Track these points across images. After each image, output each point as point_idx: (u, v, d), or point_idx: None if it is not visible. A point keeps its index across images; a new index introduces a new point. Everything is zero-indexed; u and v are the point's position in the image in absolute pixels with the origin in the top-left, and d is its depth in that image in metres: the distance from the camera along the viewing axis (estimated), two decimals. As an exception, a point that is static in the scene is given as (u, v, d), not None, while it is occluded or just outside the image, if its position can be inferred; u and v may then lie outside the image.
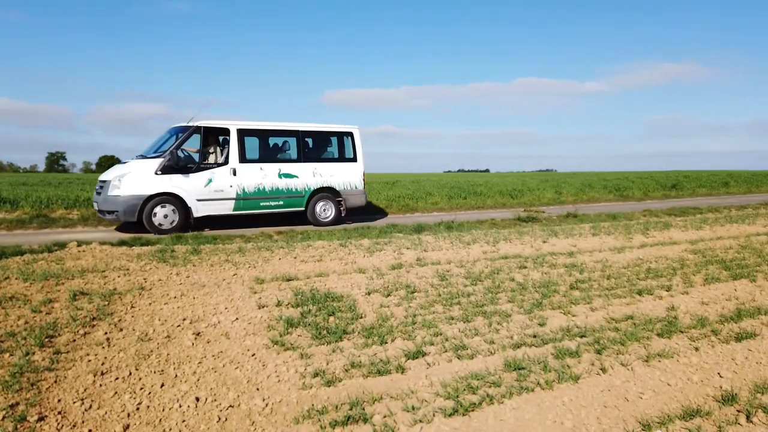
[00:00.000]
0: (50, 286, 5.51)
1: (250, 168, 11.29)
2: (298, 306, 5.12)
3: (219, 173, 10.97)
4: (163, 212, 10.40)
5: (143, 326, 4.47)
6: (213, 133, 11.51)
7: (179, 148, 10.66)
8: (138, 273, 6.27)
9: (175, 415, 3.08)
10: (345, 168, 12.45)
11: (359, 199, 12.64)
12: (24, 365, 3.56)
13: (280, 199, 11.68)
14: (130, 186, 10.21)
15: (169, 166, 10.43)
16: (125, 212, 10.14)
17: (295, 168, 11.88)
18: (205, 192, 10.81)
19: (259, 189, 11.37)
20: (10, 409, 3.03)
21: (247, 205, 11.30)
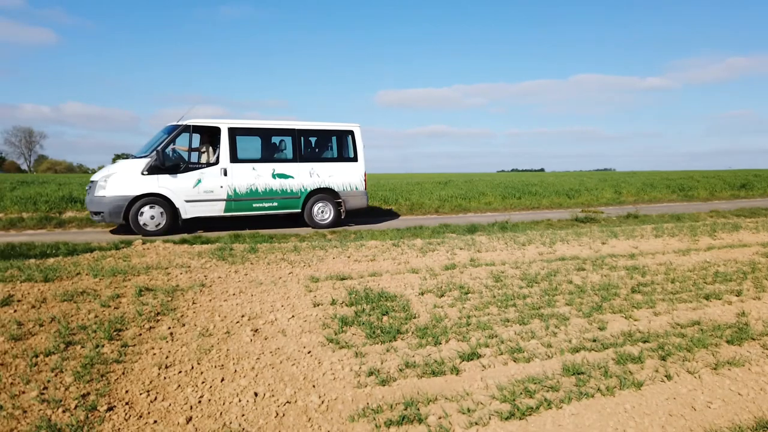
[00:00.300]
0: (118, 281, 5.77)
1: (242, 168, 10.89)
2: (352, 305, 5.16)
3: (209, 173, 10.61)
4: (150, 213, 10.12)
5: (204, 322, 4.61)
6: (203, 132, 11.28)
7: (167, 147, 10.34)
8: (199, 270, 6.49)
9: (235, 409, 3.16)
10: (344, 168, 11.94)
11: (360, 201, 12.07)
12: (94, 357, 3.75)
13: (274, 200, 11.23)
14: (115, 186, 9.98)
15: (155, 166, 10.12)
16: (110, 213, 9.93)
17: (290, 168, 11.41)
18: (194, 193, 10.47)
19: (252, 190, 10.94)
20: (81, 398, 3.19)
21: (239, 206, 10.89)
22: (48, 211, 13.22)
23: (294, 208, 11.47)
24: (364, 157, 12.17)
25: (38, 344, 3.96)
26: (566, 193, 20.84)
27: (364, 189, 12.13)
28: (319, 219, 11.71)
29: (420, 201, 17.45)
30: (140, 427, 2.92)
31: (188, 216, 10.46)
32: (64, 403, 3.11)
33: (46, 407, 3.06)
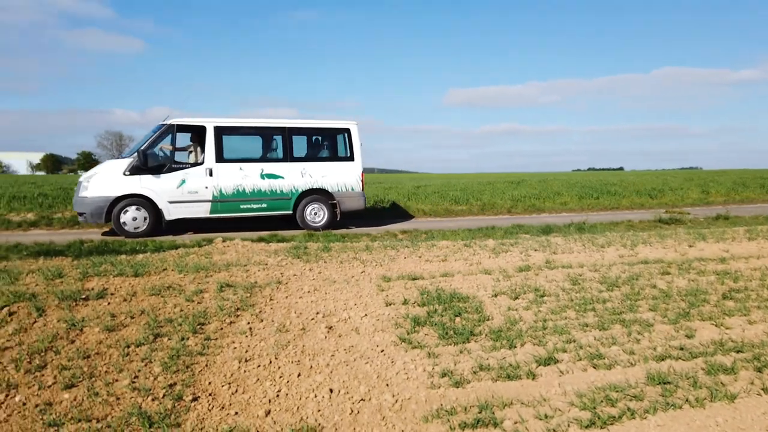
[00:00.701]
0: (201, 277, 6.04)
1: (228, 168, 10.51)
2: (424, 305, 5.15)
3: (193, 174, 10.31)
4: (132, 215, 9.91)
5: (281, 318, 4.75)
6: (188, 132, 11.01)
7: (150, 147, 10.10)
8: (275, 268, 6.69)
9: (311, 404, 3.23)
10: (339, 168, 11.35)
11: (356, 202, 11.49)
12: (180, 349, 3.94)
13: (263, 201, 10.77)
14: (97, 187, 9.83)
15: (137, 166, 9.88)
16: (92, 214, 9.78)
17: (279, 168, 10.92)
18: (178, 193, 10.18)
19: (239, 191, 10.55)
20: (169, 388, 3.37)
21: (226, 207, 10.52)
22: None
23: (284, 209, 10.99)
24: (361, 156, 11.52)
25: (129, 335, 4.22)
26: (648, 193, 19.84)
27: (360, 190, 11.51)
28: (312, 221, 11.18)
29: (492, 201, 17.17)
30: (223, 417, 3.05)
31: (172, 217, 10.24)
32: (153, 392, 3.29)
33: (137, 395, 3.26)
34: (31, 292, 5.18)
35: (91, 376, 3.50)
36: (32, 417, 2.99)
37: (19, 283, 5.57)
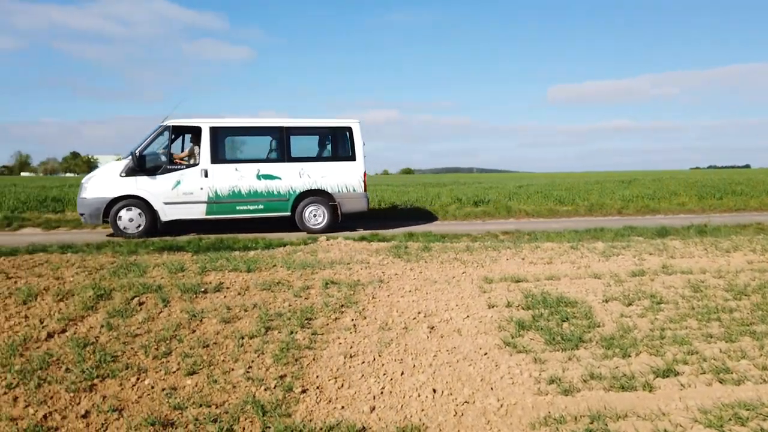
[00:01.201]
0: (307, 274, 6.28)
1: (224, 169, 10.31)
2: (529, 308, 5.00)
3: (188, 175, 10.18)
4: (129, 216, 9.93)
5: (383, 316, 4.81)
6: (184, 133, 10.92)
7: (145, 148, 10.07)
8: (377, 266, 6.79)
9: (415, 403, 3.24)
10: (340, 168, 10.88)
11: (358, 204, 10.98)
12: (289, 342, 4.12)
13: (260, 202, 10.50)
14: (94, 188, 9.96)
15: (133, 167, 9.89)
16: (90, 215, 9.91)
17: (276, 168, 10.59)
18: (173, 195, 10.09)
19: (235, 192, 10.32)
20: (280, 379, 3.53)
21: (222, 209, 10.34)
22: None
23: (282, 211, 10.68)
24: (364, 156, 11.03)
25: (243, 327, 4.47)
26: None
27: (363, 191, 11.01)
28: (312, 223, 10.81)
29: (600, 201, 16.33)
30: (330, 411, 3.14)
31: (168, 218, 10.19)
32: (266, 382, 3.46)
33: (251, 384, 3.44)
34: (158, 284, 5.64)
35: (210, 364, 3.75)
36: (159, 399, 3.25)
37: (147, 276, 6.09)
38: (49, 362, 3.71)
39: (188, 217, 10.28)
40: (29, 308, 4.86)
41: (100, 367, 3.65)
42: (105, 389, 3.37)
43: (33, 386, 3.35)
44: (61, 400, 3.21)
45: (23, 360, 3.75)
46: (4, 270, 6.36)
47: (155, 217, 10.08)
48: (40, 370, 3.57)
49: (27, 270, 6.40)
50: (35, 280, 5.82)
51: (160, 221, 10.15)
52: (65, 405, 3.16)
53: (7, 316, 4.64)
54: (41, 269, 6.45)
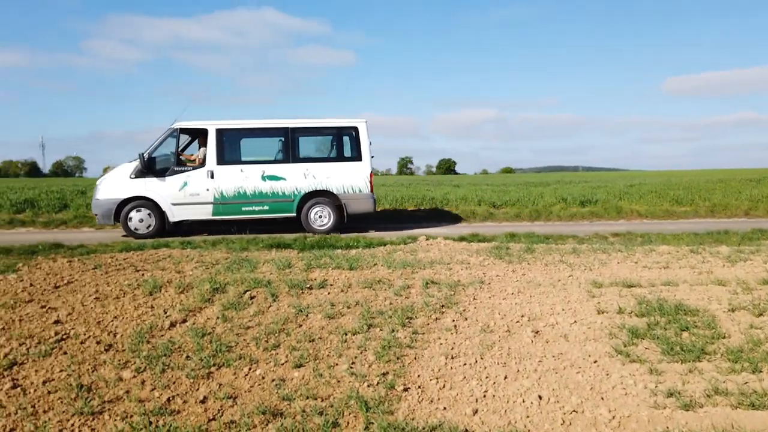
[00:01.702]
0: (407, 273, 6.32)
1: (229, 170, 10.46)
2: (643, 316, 4.69)
3: (195, 176, 10.38)
4: (139, 216, 10.22)
5: (485, 318, 4.73)
6: (191, 135, 11.08)
7: (154, 151, 10.34)
8: (478, 267, 6.69)
9: (519, 409, 3.14)
10: (346, 168, 10.79)
11: (364, 204, 10.84)
12: (391, 341, 4.15)
13: (265, 203, 10.58)
14: (106, 190, 10.27)
15: (141, 169, 10.16)
16: (102, 216, 10.22)
17: (281, 169, 10.64)
18: (180, 196, 10.31)
19: (240, 193, 10.46)
20: (382, 376, 3.57)
21: (227, 210, 10.50)
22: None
23: (287, 211, 10.72)
24: (370, 156, 10.89)
25: (347, 324, 4.57)
26: None
27: (369, 191, 10.88)
28: (317, 224, 10.75)
29: (723, 201, 15.00)
30: (432, 411, 3.13)
31: (176, 219, 10.40)
32: (368, 379, 3.52)
33: (354, 380, 3.51)
34: (267, 279, 5.93)
35: (316, 358, 3.87)
36: (269, 390, 3.41)
37: (258, 271, 6.42)
38: (172, 350, 4.02)
39: (195, 217, 10.54)
40: (155, 299, 5.30)
41: (216, 356, 3.89)
42: (221, 377, 3.59)
43: (158, 371, 3.64)
44: (182, 386, 3.46)
45: (150, 347, 4.09)
46: (134, 264, 6.99)
47: (164, 217, 10.33)
48: (164, 357, 3.87)
49: (153, 264, 6.98)
50: (160, 273, 6.33)
51: (168, 222, 10.37)
52: (186, 390, 3.40)
53: (136, 305, 5.09)
54: (165, 263, 7.01)
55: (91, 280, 6.03)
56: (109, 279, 6.06)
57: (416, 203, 16.02)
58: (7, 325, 4.54)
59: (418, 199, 16.42)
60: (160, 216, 10.27)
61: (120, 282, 5.86)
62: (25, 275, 6.29)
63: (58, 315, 4.78)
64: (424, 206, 15.71)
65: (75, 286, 5.75)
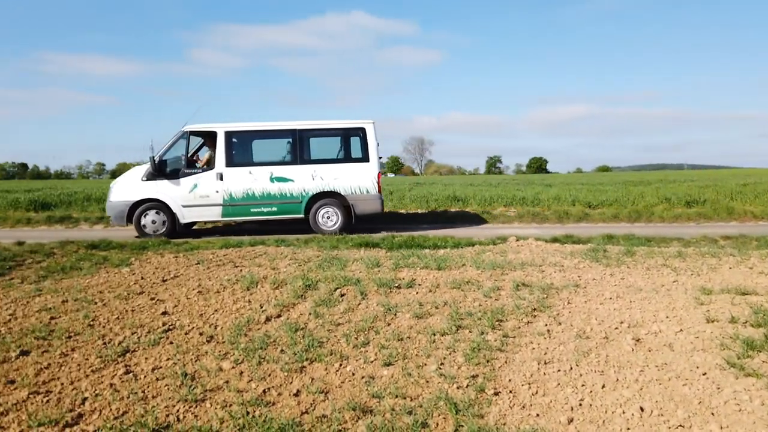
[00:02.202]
0: (496, 275, 6.18)
1: (238, 172, 10.55)
2: (760, 326, 4.29)
3: (204, 178, 10.51)
4: (150, 218, 10.41)
5: (580, 323, 4.52)
6: (201, 138, 11.10)
7: (165, 154, 10.51)
8: (572, 270, 6.43)
9: (618, 420, 2.97)
10: (353, 170, 10.79)
11: (372, 205, 10.85)
12: (480, 343, 4.08)
13: (273, 205, 10.64)
14: (118, 192, 10.49)
15: (152, 172, 10.36)
16: (115, 217, 10.44)
17: (289, 171, 10.69)
18: (190, 198, 10.47)
19: (249, 194, 10.55)
20: (471, 379, 3.51)
21: (236, 211, 10.62)
22: (436, 208, 15.23)
23: (295, 213, 10.78)
24: (377, 157, 10.89)
25: (435, 324, 4.55)
26: None
27: (377, 192, 10.88)
28: (325, 225, 10.78)
29: None
30: (524, 417, 3.03)
31: (186, 221, 10.57)
32: (458, 381, 3.47)
33: (443, 381, 3.47)
34: (357, 278, 6.02)
35: (404, 357, 3.87)
36: (359, 386, 3.45)
37: (347, 270, 6.54)
38: (268, 343, 4.18)
39: (205, 219, 10.77)
40: (251, 294, 5.54)
41: (309, 351, 4.00)
42: (313, 372, 3.69)
43: (255, 363, 3.80)
44: (277, 378, 3.59)
45: (247, 339, 4.28)
46: (233, 260, 7.36)
47: (175, 219, 10.55)
48: (260, 350, 4.03)
49: (250, 260, 7.32)
50: (256, 269, 6.62)
51: (179, 223, 10.59)
52: (280, 383, 3.52)
53: (235, 300, 5.35)
54: (261, 260, 7.33)
55: (194, 274, 6.42)
56: (211, 274, 6.42)
57: (505, 203, 15.68)
58: (121, 314, 4.93)
59: (508, 199, 16.06)
60: (171, 217, 10.51)
61: (220, 277, 6.19)
62: (137, 269, 6.81)
63: (165, 307, 5.12)
64: (514, 206, 15.34)
65: (180, 280, 6.14)
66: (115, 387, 3.47)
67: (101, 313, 4.96)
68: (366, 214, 11.14)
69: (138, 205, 10.44)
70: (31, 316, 4.88)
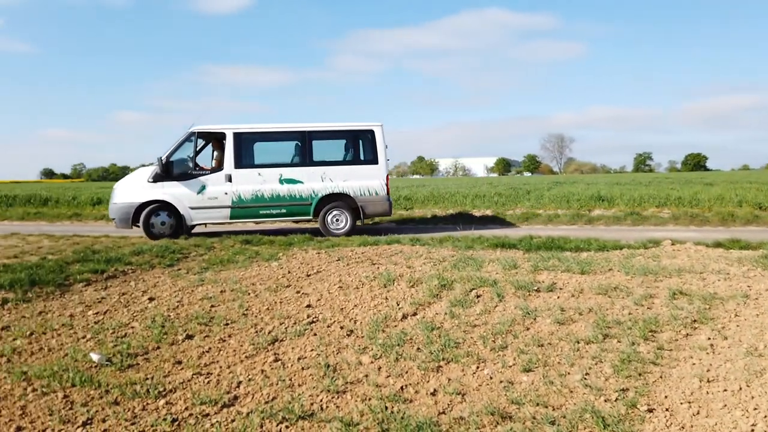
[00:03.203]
0: (649, 281, 5.69)
1: (247, 174, 10.46)
2: None
3: (213, 180, 10.37)
4: (159, 220, 10.19)
5: (751, 339, 4.00)
6: (209, 139, 10.94)
7: (172, 155, 10.29)
8: (740, 279, 5.72)
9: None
10: (362, 171, 10.85)
11: (381, 207, 10.91)
12: (631, 354, 3.77)
13: (282, 206, 10.56)
14: (124, 194, 10.27)
15: (160, 173, 10.10)
16: (120, 220, 10.17)
17: (298, 172, 10.66)
18: (198, 199, 10.30)
19: (258, 196, 10.45)
20: (621, 392, 3.25)
21: (245, 213, 10.51)
22: (579, 209, 14.44)
23: (304, 214, 10.77)
24: (386, 159, 10.99)
25: (578, 331, 4.29)
26: None
27: (385, 194, 10.92)
28: (334, 227, 10.73)
29: None
30: (683, 439, 2.74)
31: (194, 222, 10.40)
32: (605, 393, 3.24)
33: (588, 392, 3.26)
34: (493, 279, 5.89)
35: (545, 364, 3.70)
36: (497, 391, 3.36)
37: (483, 270, 6.43)
38: (404, 340, 4.23)
39: (213, 221, 10.58)
40: (388, 291, 5.66)
41: (445, 350, 3.98)
42: (449, 372, 3.66)
43: (392, 359, 3.86)
44: (413, 376, 3.61)
45: (384, 335, 4.36)
46: (370, 257, 7.58)
47: (182, 221, 10.32)
48: (397, 346, 4.09)
49: (386, 258, 7.48)
50: (393, 267, 6.75)
51: (186, 225, 10.38)
52: (417, 381, 3.54)
53: (372, 296, 5.49)
54: (397, 258, 7.46)
55: (335, 270, 6.71)
56: (350, 270, 6.66)
57: (658, 203, 14.42)
58: (270, 305, 5.29)
59: (660, 199, 14.75)
60: (178, 219, 10.32)
61: (359, 274, 6.40)
62: (285, 264, 7.28)
63: (309, 300, 5.41)
64: (668, 206, 14.06)
65: (322, 276, 6.45)
66: (265, 373, 3.72)
67: (254, 303, 5.37)
68: (375, 216, 11.33)
69: (144, 207, 10.20)
70: (195, 304, 5.42)
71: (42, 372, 3.67)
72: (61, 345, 4.30)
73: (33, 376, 3.64)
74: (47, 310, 5.30)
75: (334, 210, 10.81)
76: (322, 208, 10.78)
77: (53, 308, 5.36)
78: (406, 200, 17.69)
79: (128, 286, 6.24)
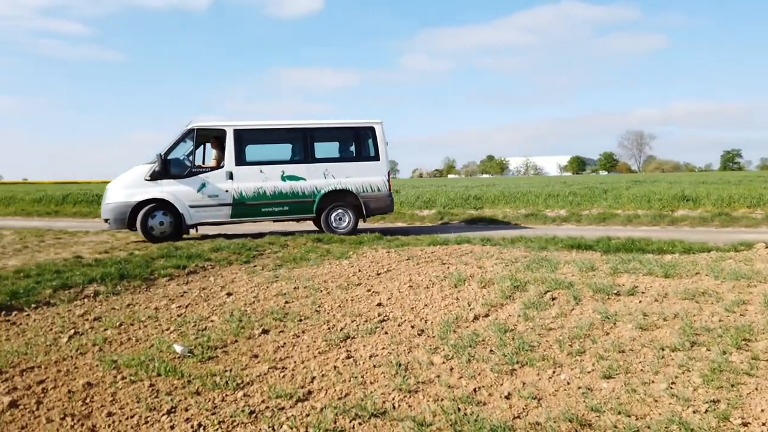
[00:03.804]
0: (741, 287, 5.31)
1: (249, 171, 10.31)
2: None
3: (213, 177, 10.19)
4: (157, 220, 9.83)
5: None
6: (209, 136, 10.70)
7: (170, 152, 10.05)
8: None
9: None
10: (364, 168, 10.88)
11: (382, 203, 10.99)
12: (722, 363, 3.52)
13: (285, 204, 10.47)
14: (119, 193, 9.93)
15: (158, 171, 9.81)
16: (115, 220, 9.80)
17: (301, 169, 10.58)
18: (198, 198, 10.06)
19: (259, 193, 10.31)
20: (711, 403, 3.04)
21: (247, 211, 10.36)
22: (661, 209, 13.72)
23: (307, 212, 10.67)
24: (387, 156, 11.12)
25: (663, 337, 4.06)
26: None
27: (387, 190, 11.01)
28: (337, 224, 10.68)
29: None
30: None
31: (193, 221, 10.10)
32: (694, 404, 3.04)
33: (675, 402, 3.08)
34: (569, 281, 5.69)
35: (627, 371, 3.53)
36: (575, 397, 3.23)
37: (558, 272, 6.22)
38: (476, 342, 4.16)
39: (213, 219, 10.29)
40: (459, 291, 5.59)
41: (519, 353, 3.88)
42: (524, 376, 3.56)
43: (464, 361, 3.80)
44: (486, 378, 3.54)
45: (456, 336, 4.31)
46: (440, 257, 7.53)
47: (181, 220, 9.98)
48: (469, 348, 4.03)
49: (456, 258, 7.40)
50: (463, 267, 6.66)
51: (185, 224, 10.04)
52: (490, 383, 3.47)
53: (443, 296, 5.45)
54: (467, 258, 7.36)
55: (405, 269, 6.71)
56: (420, 270, 6.64)
57: (749, 203, 13.47)
58: (342, 303, 5.36)
59: (753, 199, 13.77)
60: (177, 219, 9.98)
61: (429, 273, 6.36)
62: (355, 262, 7.36)
63: (380, 299, 5.43)
64: (761, 207, 13.10)
65: (393, 274, 6.47)
66: (338, 370, 3.76)
67: (326, 300, 5.46)
68: (377, 212, 11.30)
69: (141, 207, 9.79)
70: (270, 300, 5.57)
71: (130, 361, 3.89)
72: (147, 336, 4.55)
73: (122, 365, 3.86)
74: (134, 302, 5.63)
75: (337, 206, 10.77)
76: (324, 206, 10.71)
77: (140, 301, 5.68)
78: (476, 200, 17.45)
79: (207, 281, 6.51)
